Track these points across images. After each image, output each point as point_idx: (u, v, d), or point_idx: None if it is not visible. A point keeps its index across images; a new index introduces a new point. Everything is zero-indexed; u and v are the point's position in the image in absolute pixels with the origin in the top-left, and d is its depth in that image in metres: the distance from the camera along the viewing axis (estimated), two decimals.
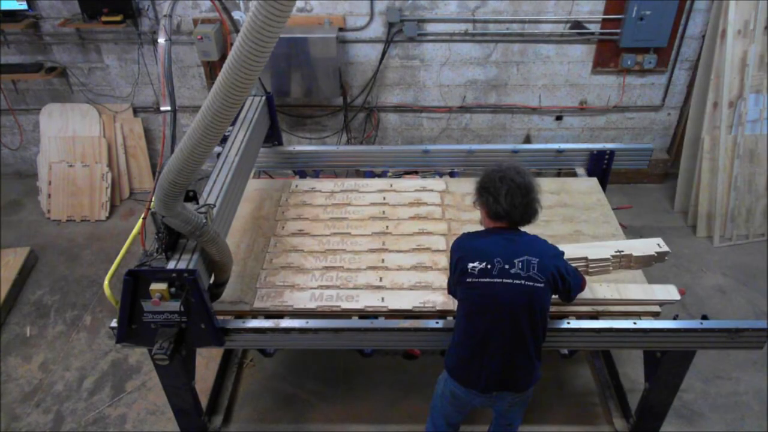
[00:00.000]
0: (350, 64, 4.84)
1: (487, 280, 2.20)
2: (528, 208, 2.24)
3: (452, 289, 2.41)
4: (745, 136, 4.47)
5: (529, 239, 2.31)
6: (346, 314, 2.74)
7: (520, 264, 2.20)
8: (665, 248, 2.89)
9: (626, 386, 3.34)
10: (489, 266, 2.20)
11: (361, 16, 4.61)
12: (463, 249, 2.30)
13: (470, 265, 2.22)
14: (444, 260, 3.00)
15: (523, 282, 2.19)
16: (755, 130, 4.50)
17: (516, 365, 2.30)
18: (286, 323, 2.59)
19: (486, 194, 2.26)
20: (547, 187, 3.57)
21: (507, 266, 2.20)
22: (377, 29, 4.67)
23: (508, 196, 2.20)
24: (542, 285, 2.20)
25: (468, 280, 2.23)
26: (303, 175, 3.99)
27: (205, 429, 3.14)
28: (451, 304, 2.76)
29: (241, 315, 2.72)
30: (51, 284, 4.39)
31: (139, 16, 4.67)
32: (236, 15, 4.15)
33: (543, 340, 2.32)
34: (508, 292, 2.19)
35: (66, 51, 4.93)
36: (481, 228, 2.40)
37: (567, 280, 2.30)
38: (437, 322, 2.59)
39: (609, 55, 4.72)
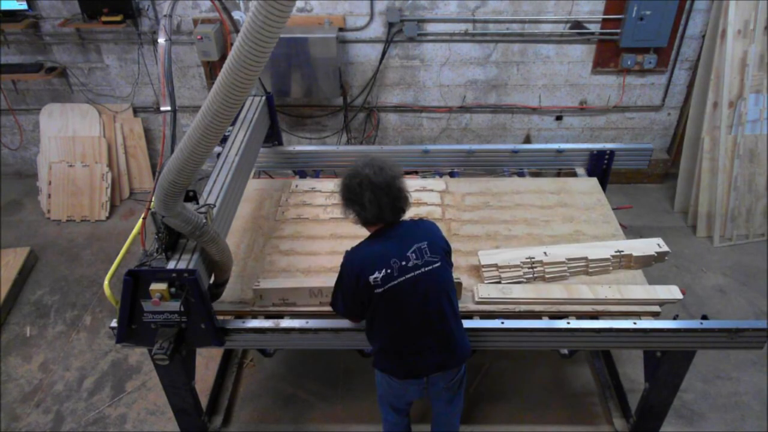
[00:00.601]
0: (350, 64, 4.84)
1: (393, 283, 2.20)
2: (397, 203, 2.24)
3: (342, 307, 2.38)
4: (745, 136, 4.47)
5: (409, 226, 2.32)
6: None
7: (413, 255, 2.23)
8: (665, 248, 2.89)
9: (626, 386, 3.34)
10: (389, 270, 2.20)
11: (361, 16, 4.61)
12: (356, 265, 2.25)
13: (371, 277, 2.20)
14: None
15: (423, 270, 2.22)
16: (755, 130, 4.50)
17: (447, 345, 2.33)
18: (286, 323, 2.59)
19: (352, 205, 2.25)
20: (547, 187, 3.58)
21: (404, 262, 2.21)
22: (377, 29, 4.67)
23: (373, 200, 2.18)
24: (439, 263, 2.26)
25: (377, 291, 2.21)
26: (303, 175, 3.99)
27: (205, 429, 3.14)
28: None
29: (241, 315, 2.72)
30: (51, 284, 4.39)
31: (139, 16, 4.67)
32: (236, 15, 4.15)
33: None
34: (416, 284, 2.21)
35: (66, 51, 4.93)
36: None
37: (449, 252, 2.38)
38: None
39: (609, 55, 4.72)
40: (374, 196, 2.18)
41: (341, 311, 2.43)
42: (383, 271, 2.20)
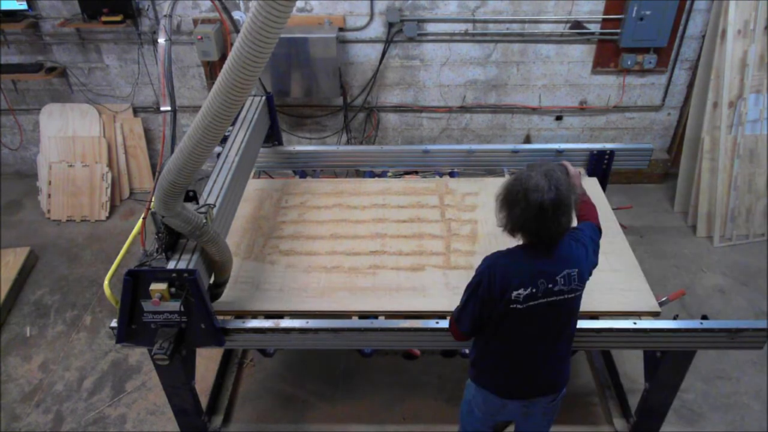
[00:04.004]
0: (350, 64, 4.84)
1: (533, 303, 2.08)
2: (546, 229, 2.02)
3: (468, 325, 2.19)
4: (745, 136, 4.47)
5: (566, 249, 2.12)
6: (345, 314, 2.74)
7: (562, 280, 2.08)
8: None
9: (626, 386, 3.34)
10: (534, 290, 2.06)
11: (361, 16, 4.61)
12: (499, 275, 2.08)
13: (515, 293, 2.05)
14: (443, 260, 2.99)
15: (566, 296, 2.11)
16: (755, 130, 4.50)
17: (556, 369, 2.29)
18: (286, 323, 2.59)
19: (501, 208, 2.08)
20: None
21: (551, 285, 2.07)
22: (377, 29, 4.67)
23: (521, 216, 2.00)
24: (581, 291, 2.16)
25: (512, 306, 2.08)
26: (303, 175, 3.99)
27: (205, 429, 3.14)
28: (450, 304, 2.76)
29: (241, 315, 2.72)
30: (51, 284, 4.39)
31: (139, 16, 4.67)
32: (236, 15, 4.16)
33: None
34: (554, 308, 2.12)
35: (66, 51, 4.93)
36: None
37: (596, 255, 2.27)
38: (437, 322, 2.59)
39: (609, 55, 4.72)
40: (522, 213, 1.99)
41: (465, 329, 2.21)
42: (529, 289, 2.05)
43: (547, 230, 2.02)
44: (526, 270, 2.07)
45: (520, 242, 2.15)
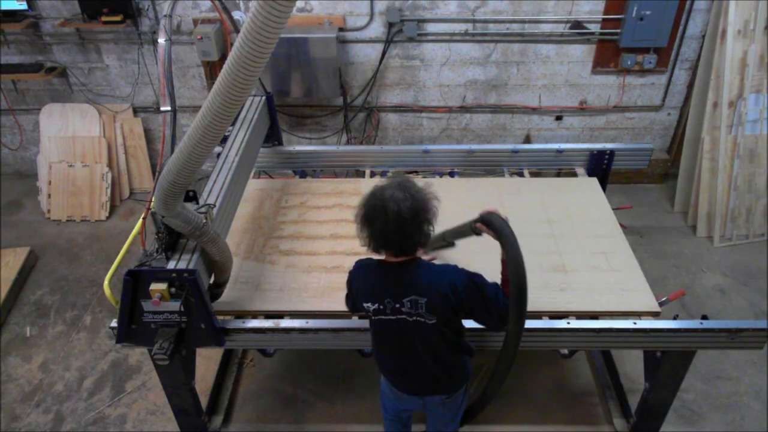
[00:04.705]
0: (350, 64, 4.84)
1: (383, 317, 2.16)
2: (407, 241, 2.02)
3: (349, 305, 2.39)
4: (745, 136, 4.47)
5: (419, 274, 2.10)
6: (345, 314, 2.74)
7: (408, 304, 2.09)
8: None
9: (626, 386, 3.34)
10: (381, 306, 2.14)
11: (361, 16, 4.61)
12: (355, 284, 2.24)
13: (365, 304, 2.18)
14: (443, 261, 2.99)
15: (415, 319, 2.11)
16: (755, 130, 4.50)
17: (442, 375, 2.27)
18: (286, 323, 2.59)
19: (361, 227, 2.07)
20: (548, 187, 3.58)
21: (397, 305, 2.11)
22: (377, 29, 4.67)
23: (382, 232, 2.00)
24: (433, 322, 2.10)
25: (368, 314, 2.21)
26: (303, 175, 3.99)
27: (205, 429, 3.14)
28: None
29: (241, 315, 2.72)
30: (51, 284, 4.39)
31: (139, 16, 4.67)
32: (236, 15, 4.16)
33: (463, 337, 2.27)
34: (406, 326, 2.14)
35: (66, 51, 4.93)
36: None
37: (484, 315, 2.13)
38: None
39: (609, 55, 4.72)
40: (383, 226, 1.99)
41: (349, 310, 2.43)
42: (376, 304, 2.15)
43: (410, 240, 2.03)
44: (377, 286, 2.15)
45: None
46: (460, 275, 2.12)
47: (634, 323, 2.55)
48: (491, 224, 2.16)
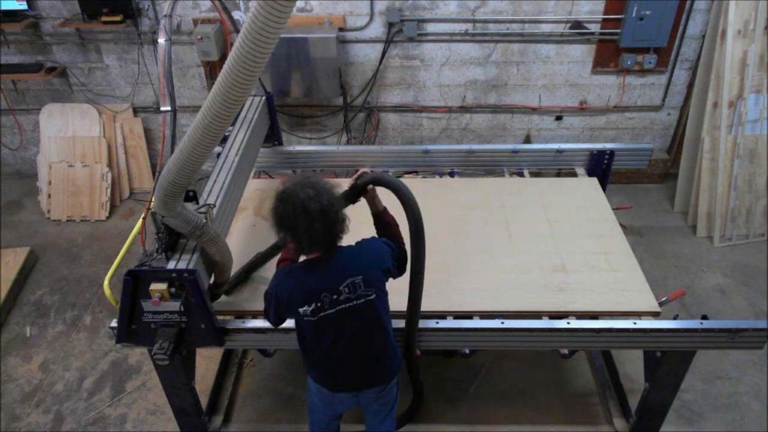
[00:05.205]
0: (350, 64, 4.84)
1: (323, 314, 2.16)
2: (332, 231, 2.08)
3: (273, 319, 2.29)
4: (745, 136, 4.47)
5: (347, 257, 2.18)
6: None
7: (346, 289, 2.14)
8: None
9: (626, 386, 3.34)
10: (319, 304, 2.14)
11: (361, 16, 4.61)
12: (285, 296, 2.17)
13: (301, 310, 2.16)
14: (442, 261, 2.99)
15: (355, 303, 2.16)
16: (755, 130, 4.50)
17: (377, 362, 2.33)
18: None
19: (286, 234, 2.09)
20: (548, 187, 3.58)
21: (335, 296, 2.13)
22: (377, 29, 4.67)
23: (308, 230, 2.03)
24: (373, 295, 2.18)
25: (305, 319, 2.18)
26: None
27: (205, 429, 3.14)
28: (451, 303, 2.76)
29: (241, 315, 2.72)
30: (51, 284, 4.39)
31: (139, 16, 4.67)
32: (236, 15, 4.15)
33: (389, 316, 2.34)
34: (349, 314, 2.16)
35: (66, 51, 4.92)
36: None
37: (395, 269, 2.30)
38: (437, 322, 2.59)
39: (609, 55, 4.72)
40: (309, 226, 2.02)
41: (272, 323, 2.35)
42: (313, 305, 2.14)
43: (335, 231, 2.10)
44: (309, 288, 2.15)
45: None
46: (375, 242, 2.30)
47: (634, 323, 2.55)
48: (379, 180, 2.32)
